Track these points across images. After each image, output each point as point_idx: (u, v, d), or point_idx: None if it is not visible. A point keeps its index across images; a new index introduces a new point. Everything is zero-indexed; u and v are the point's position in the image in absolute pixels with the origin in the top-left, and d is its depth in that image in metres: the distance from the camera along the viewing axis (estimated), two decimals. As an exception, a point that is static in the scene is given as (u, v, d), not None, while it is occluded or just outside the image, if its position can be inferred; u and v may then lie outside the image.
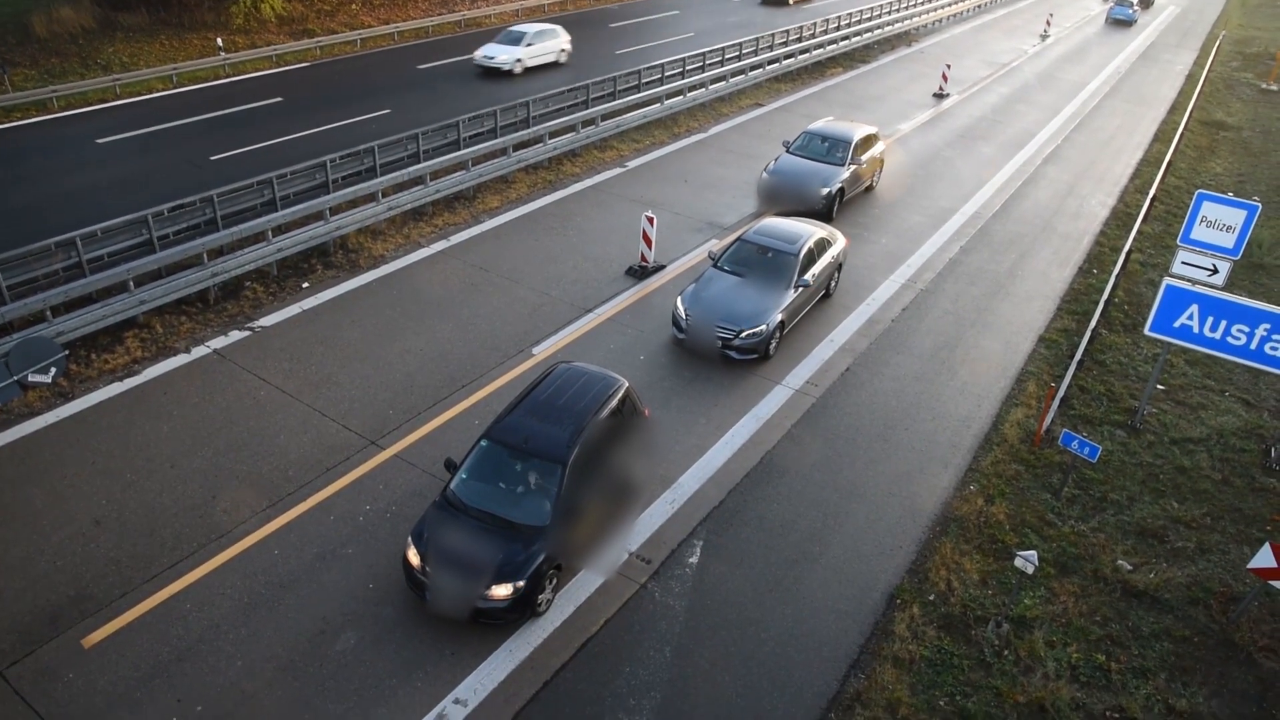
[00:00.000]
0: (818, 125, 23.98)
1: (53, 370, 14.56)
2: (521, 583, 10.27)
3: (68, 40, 32.33)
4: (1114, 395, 16.09)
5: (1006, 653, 10.79)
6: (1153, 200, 24.75)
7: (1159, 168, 27.62)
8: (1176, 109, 36.02)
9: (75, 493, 12.35)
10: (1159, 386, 16.37)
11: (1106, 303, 18.73)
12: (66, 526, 11.76)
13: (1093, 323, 17.86)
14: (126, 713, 9.50)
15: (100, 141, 24.44)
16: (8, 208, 20.38)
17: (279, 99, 28.82)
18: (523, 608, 10.43)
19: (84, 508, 12.09)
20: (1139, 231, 22.75)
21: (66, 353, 14.92)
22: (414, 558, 10.55)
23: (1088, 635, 11.13)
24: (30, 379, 14.32)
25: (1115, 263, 20.70)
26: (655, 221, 18.82)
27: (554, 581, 10.97)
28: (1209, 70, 42.73)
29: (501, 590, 10.23)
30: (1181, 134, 31.60)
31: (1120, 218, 24.23)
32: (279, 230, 18.55)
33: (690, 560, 11.90)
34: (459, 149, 23.28)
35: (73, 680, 9.79)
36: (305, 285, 18.00)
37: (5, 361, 14.15)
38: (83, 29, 33.22)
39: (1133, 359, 17.35)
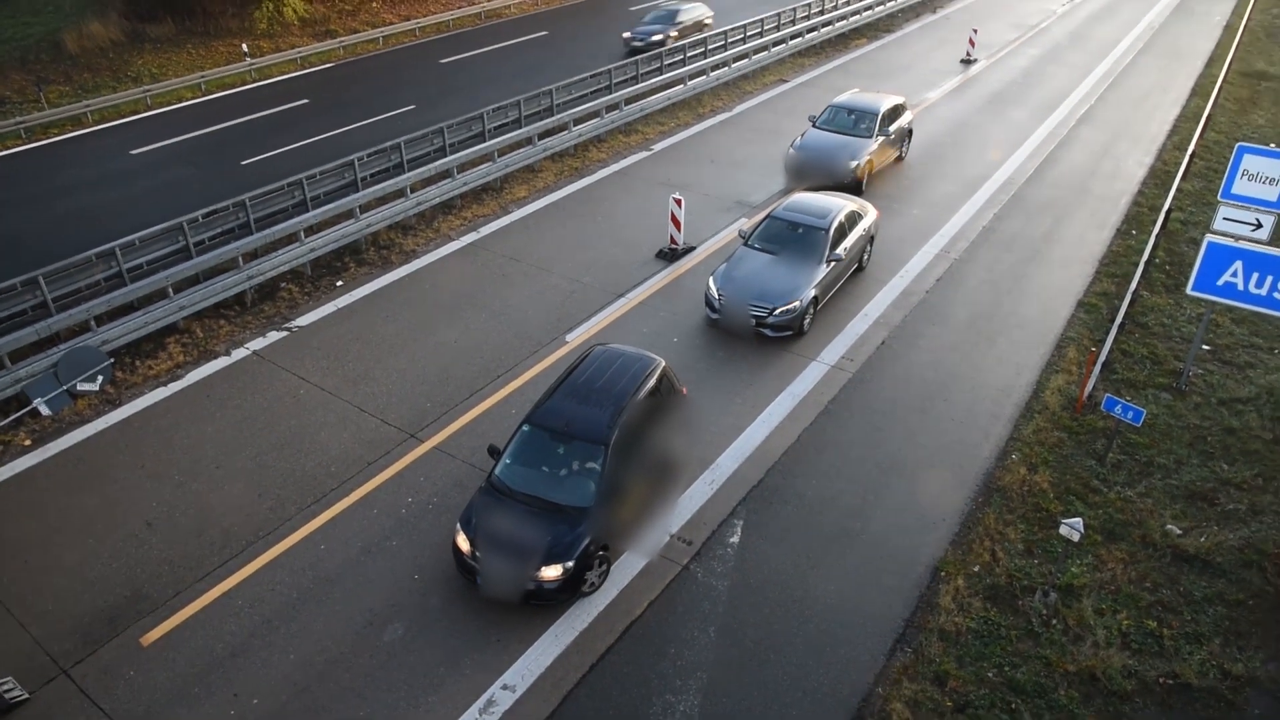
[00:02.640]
0: (843, 98, 23.69)
1: (100, 378, 14.91)
2: (571, 563, 10.40)
3: (98, 55, 32.85)
4: (1158, 358, 15.78)
5: (1055, 622, 10.68)
6: (1192, 157, 24.12)
7: (1197, 123, 26.89)
8: (1214, 61, 34.99)
9: (126, 496, 12.66)
10: (1204, 347, 16.03)
11: (1147, 264, 18.32)
12: (120, 529, 12.06)
13: (1133, 285, 17.48)
14: (186, 709, 9.75)
15: (134, 152, 24.87)
16: (49, 221, 20.85)
17: (305, 100, 29.12)
18: (572, 588, 10.58)
19: (135, 510, 12.39)
20: (1178, 189, 22.20)
21: (112, 360, 15.27)
22: (463, 543, 10.71)
23: (1138, 602, 10.96)
24: (79, 388, 14.68)
25: (1154, 223, 20.22)
26: (684, 203, 18.76)
27: (604, 565, 11.07)
28: (1248, 19, 41.46)
29: (551, 571, 10.36)
30: (1220, 87, 30.72)
31: (1158, 176, 23.68)
32: (311, 230, 18.78)
33: (731, 540, 11.91)
34: (484, 140, 23.35)
35: (134, 678, 10.06)
36: (339, 283, 18.21)
37: (55, 372, 14.55)
38: (112, 43, 33.72)
39: (1176, 320, 16.99)
